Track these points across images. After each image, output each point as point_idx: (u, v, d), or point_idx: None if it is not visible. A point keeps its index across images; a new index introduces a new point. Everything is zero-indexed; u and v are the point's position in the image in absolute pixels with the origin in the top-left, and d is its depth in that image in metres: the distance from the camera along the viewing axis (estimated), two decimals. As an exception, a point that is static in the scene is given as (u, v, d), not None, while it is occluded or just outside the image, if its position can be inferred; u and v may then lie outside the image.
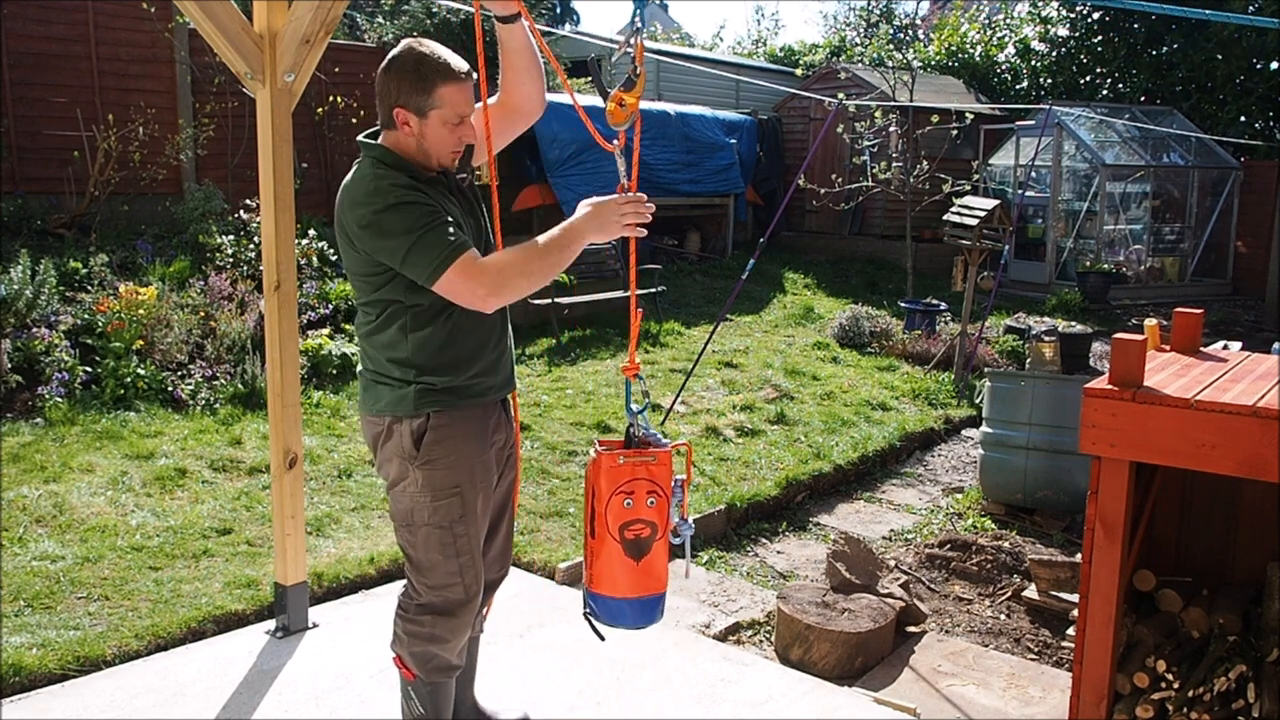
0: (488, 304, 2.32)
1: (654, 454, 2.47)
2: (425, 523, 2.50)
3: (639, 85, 2.34)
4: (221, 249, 7.89)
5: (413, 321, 2.43)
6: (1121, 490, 2.41)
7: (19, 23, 8.32)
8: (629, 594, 2.50)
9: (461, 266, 2.27)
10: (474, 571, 2.57)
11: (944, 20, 18.88)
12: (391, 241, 2.30)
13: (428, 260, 2.28)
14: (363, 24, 14.14)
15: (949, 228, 8.14)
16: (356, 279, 2.47)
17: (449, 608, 2.56)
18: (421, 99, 2.36)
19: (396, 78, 2.37)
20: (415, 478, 2.48)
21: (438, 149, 2.42)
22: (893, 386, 8.02)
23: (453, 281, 2.28)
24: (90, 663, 3.39)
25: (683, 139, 12.73)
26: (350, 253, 2.42)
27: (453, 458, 2.48)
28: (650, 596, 2.52)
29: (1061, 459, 5.35)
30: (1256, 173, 13.82)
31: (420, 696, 2.63)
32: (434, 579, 2.54)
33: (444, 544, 2.51)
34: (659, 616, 2.58)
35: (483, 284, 2.28)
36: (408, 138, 2.41)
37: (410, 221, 2.29)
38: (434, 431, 2.46)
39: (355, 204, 2.36)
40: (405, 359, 2.45)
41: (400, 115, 2.39)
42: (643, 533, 2.46)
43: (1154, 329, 3.01)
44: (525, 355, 8.21)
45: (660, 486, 2.45)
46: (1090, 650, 2.49)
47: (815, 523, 5.49)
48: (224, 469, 5.32)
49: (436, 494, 2.48)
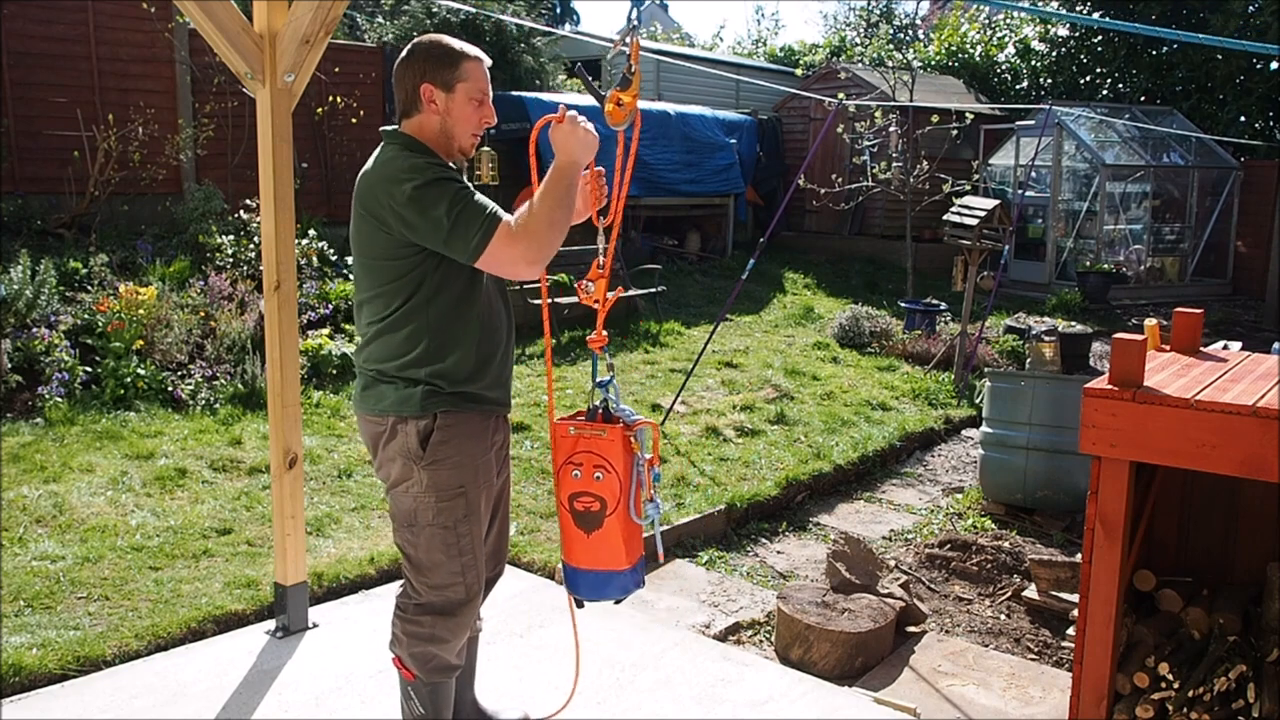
0: (532, 269, 2.33)
1: (604, 428, 2.44)
2: (430, 523, 2.50)
3: (635, 83, 2.35)
4: (221, 249, 7.89)
5: (433, 311, 2.43)
6: (1121, 490, 2.40)
7: (19, 22, 8.32)
8: (580, 564, 2.51)
9: (501, 235, 2.30)
10: (475, 571, 2.57)
11: (944, 20, 18.88)
12: (435, 213, 2.30)
13: (471, 233, 2.29)
14: (363, 24, 14.14)
15: (949, 228, 8.14)
16: (379, 263, 2.43)
17: (449, 608, 2.56)
18: (449, 73, 2.43)
19: (422, 58, 2.44)
20: (420, 478, 2.48)
21: (462, 127, 2.46)
22: (893, 386, 8.02)
23: (495, 252, 2.30)
24: (90, 663, 3.39)
25: (683, 139, 12.73)
26: (378, 236, 2.40)
27: (458, 458, 2.48)
28: (603, 571, 2.49)
29: (1061, 459, 5.35)
30: (1256, 173, 13.82)
31: (420, 697, 2.63)
32: (435, 579, 2.54)
33: (447, 544, 2.51)
34: (618, 593, 2.55)
35: (521, 249, 2.30)
36: (432, 116, 2.44)
37: (451, 196, 2.31)
38: (440, 431, 2.45)
39: (393, 181, 2.35)
40: (420, 355, 2.44)
41: (427, 92, 2.43)
42: (592, 506, 2.44)
43: (1154, 329, 3.01)
44: (525, 355, 8.21)
45: (608, 462, 2.42)
46: (1090, 650, 2.49)
47: (815, 523, 5.49)
48: (224, 469, 5.32)
49: (441, 494, 2.48)
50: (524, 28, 12.68)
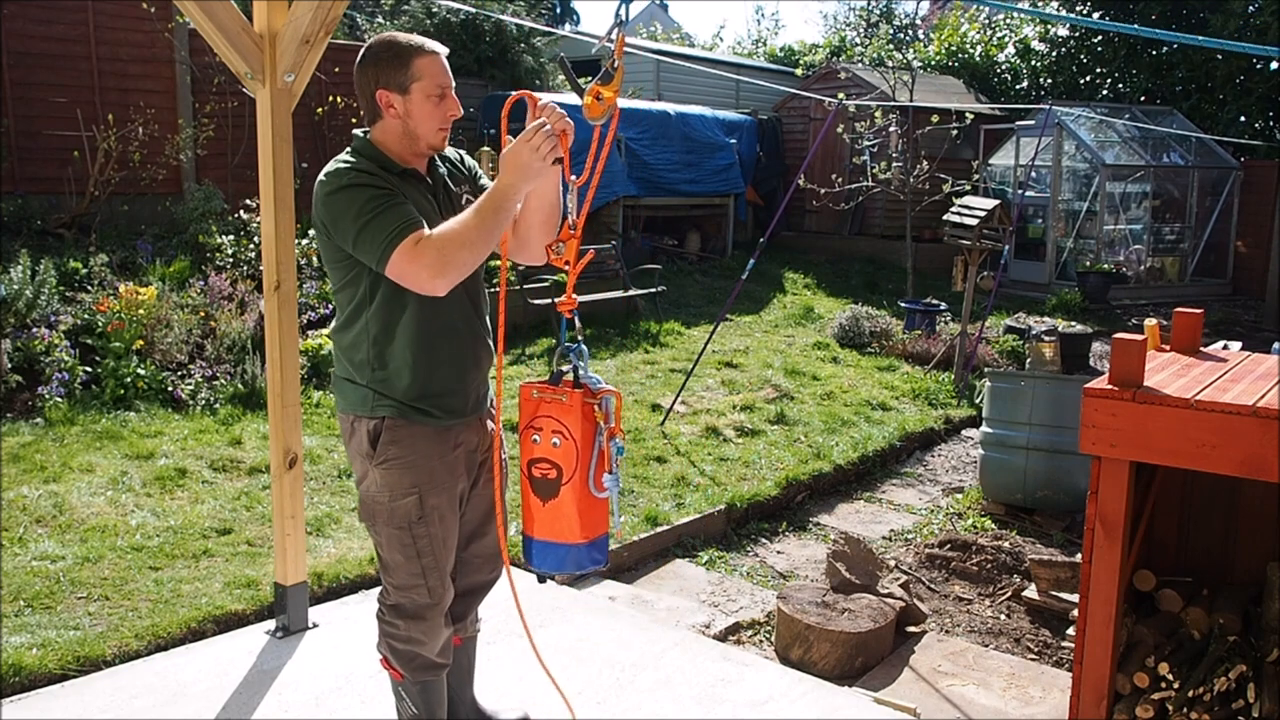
0: (435, 285, 2.25)
1: (565, 393, 2.36)
2: (385, 522, 2.48)
3: (617, 79, 2.26)
4: (221, 249, 7.89)
5: (374, 319, 2.41)
6: (1121, 490, 2.40)
7: (19, 22, 8.32)
8: (536, 534, 2.45)
9: (405, 248, 2.23)
10: (438, 574, 2.52)
11: (944, 20, 18.88)
12: (344, 222, 2.29)
13: (375, 243, 2.25)
14: (363, 24, 14.16)
15: (949, 228, 8.14)
16: (328, 267, 2.47)
17: (416, 610, 2.53)
18: (401, 75, 2.36)
19: (373, 63, 2.38)
20: (374, 477, 2.46)
21: (425, 126, 2.41)
22: (893, 386, 8.02)
23: (398, 264, 2.24)
24: (90, 663, 3.39)
25: (683, 139, 12.73)
26: (323, 241, 2.42)
27: (411, 457, 2.45)
28: (558, 543, 2.41)
29: (1061, 459, 5.35)
30: (1256, 173, 13.82)
31: (410, 696, 2.63)
32: (398, 579, 2.52)
33: (404, 545, 2.48)
34: (572, 568, 2.47)
35: (425, 264, 2.22)
36: (394, 120, 2.40)
37: (361, 204, 2.27)
38: (389, 432, 2.44)
39: (319, 185, 2.37)
40: (363, 360, 2.44)
41: (384, 98, 2.38)
42: (549, 474, 2.37)
43: (1154, 329, 3.01)
44: (525, 355, 8.20)
45: (566, 428, 2.34)
46: (1090, 650, 2.49)
47: (815, 523, 5.49)
48: (224, 469, 5.32)
49: (394, 494, 2.45)
50: (524, 28, 12.69)
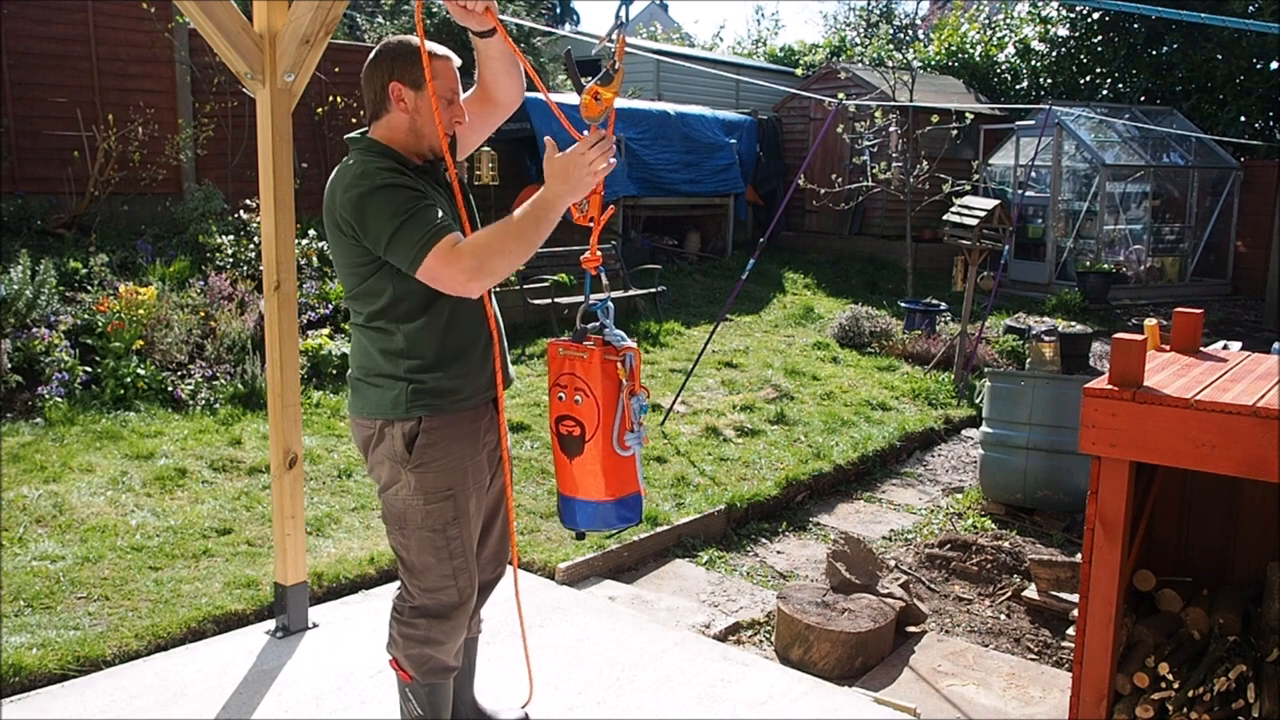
0: (469, 289, 2.29)
1: (585, 350, 2.36)
2: (418, 526, 2.49)
3: (616, 80, 2.27)
4: (221, 249, 7.89)
5: (404, 313, 2.42)
6: (1121, 490, 2.41)
7: (19, 23, 8.32)
8: (567, 492, 2.48)
9: (440, 251, 2.25)
10: (468, 574, 2.56)
11: (944, 20, 18.89)
12: (377, 224, 2.29)
13: (410, 245, 2.27)
14: (363, 24, 14.15)
15: (949, 228, 8.14)
16: (346, 271, 2.46)
17: (443, 610, 2.55)
18: (417, 71, 2.39)
19: (389, 58, 2.42)
20: (407, 481, 2.47)
21: (431, 126, 2.42)
22: (893, 386, 8.02)
23: (433, 268, 2.26)
24: (90, 663, 3.39)
25: (683, 139, 12.74)
26: (341, 242, 2.41)
27: (445, 460, 2.47)
28: (587, 500, 2.44)
29: (1061, 459, 5.35)
30: (1256, 173, 13.82)
31: (418, 698, 2.63)
32: (427, 582, 2.54)
33: (437, 547, 2.50)
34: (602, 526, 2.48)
35: (462, 268, 2.25)
36: (401, 115, 2.42)
37: (396, 205, 2.28)
38: (426, 434, 2.45)
39: (345, 188, 2.36)
40: (397, 351, 2.44)
41: (396, 90, 2.40)
42: (574, 430, 2.39)
43: (1154, 329, 3.01)
44: (525, 355, 8.20)
45: (587, 385, 2.35)
46: (1090, 650, 2.49)
47: (815, 523, 5.49)
48: (224, 469, 5.32)
49: (429, 497, 2.47)
50: (524, 28, 12.68)
